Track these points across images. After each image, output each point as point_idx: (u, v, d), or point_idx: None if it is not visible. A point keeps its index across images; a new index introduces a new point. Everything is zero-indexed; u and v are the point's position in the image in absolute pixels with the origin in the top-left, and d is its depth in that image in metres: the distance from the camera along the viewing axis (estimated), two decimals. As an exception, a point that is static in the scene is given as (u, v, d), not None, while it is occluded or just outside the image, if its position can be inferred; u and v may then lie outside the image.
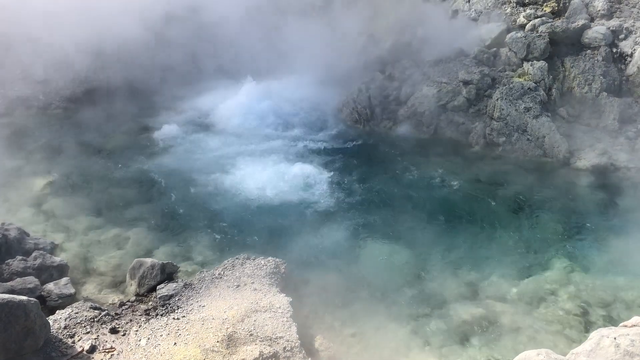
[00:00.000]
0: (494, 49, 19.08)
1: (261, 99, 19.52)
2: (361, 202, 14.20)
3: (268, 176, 14.80)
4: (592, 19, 18.57)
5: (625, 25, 18.30)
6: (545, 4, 19.50)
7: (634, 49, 17.68)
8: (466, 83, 18.42)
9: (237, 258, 10.77)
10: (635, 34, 18.16)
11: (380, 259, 12.04)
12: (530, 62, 18.22)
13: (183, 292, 9.83)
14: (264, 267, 10.49)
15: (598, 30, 17.99)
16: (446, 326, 10.12)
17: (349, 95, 19.93)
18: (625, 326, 8.02)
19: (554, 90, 17.73)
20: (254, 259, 10.78)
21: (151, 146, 16.86)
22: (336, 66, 20.59)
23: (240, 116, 18.67)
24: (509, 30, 19.19)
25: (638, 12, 18.81)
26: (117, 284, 10.71)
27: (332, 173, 15.36)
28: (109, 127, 17.87)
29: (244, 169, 15.27)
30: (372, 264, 11.85)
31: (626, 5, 19.09)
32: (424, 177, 15.68)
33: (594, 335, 7.79)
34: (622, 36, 18.11)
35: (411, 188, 15.09)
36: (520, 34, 18.79)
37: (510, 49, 18.74)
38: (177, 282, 10.26)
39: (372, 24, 21.90)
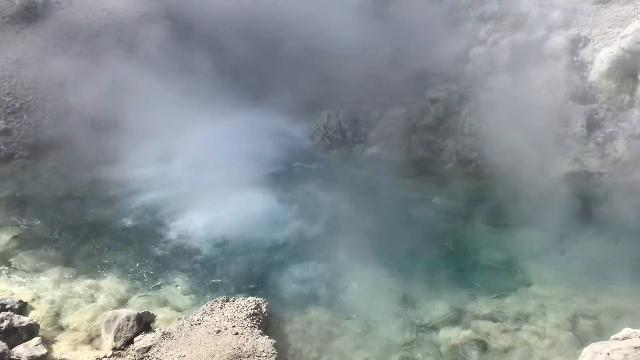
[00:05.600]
0: (459, 65, 19.22)
1: (228, 131, 19.06)
2: (338, 228, 13.90)
3: (241, 212, 14.46)
4: (550, 30, 18.87)
5: (583, 33, 18.65)
6: (505, 18, 19.81)
7: (594, 56, 17.98)
8: (434, 101, 18.47)
9: (215, 301, 10.41)
10: (593, 41, 18.52)
11: (363, 286, 11.80)
12: (494, 76, 18.37)
13: (162, 342, 9.42)
14: (245, 308, 10.15)
15: (557, 41, 18.28)
16: (436, 352, 9.90)
17: (319, 122, 19.81)
18: (617, 339, 7.92)
19: (520, 102, 17.83)
20: (233, 301, 10.44)
21: (120, 188, 16.37)
22: (305, 93, 20.43)
23: (209, 150, 18.22)
24: (471, 46, 19.37)
25: (593, 20, 19.22)
26: (92, 339, 10.22)
27: (306, 201, 15.12)
28: (77, 172, 17.33)
29: (215, 206, 14.89)
30: (356, 293, 11.61)
31: (581, 14, 19.50)
32: (399, 199, 15.54)
33: (587, 352, 7.66)
34: (580, 44, 18.43)
35: (387, 210, 14.92)
36: (482, 49, 18.99)
37: (474, 65, 18.89)
38: (155, 332, 9.85)
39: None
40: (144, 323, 9.96)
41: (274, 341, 9.26)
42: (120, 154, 18.33)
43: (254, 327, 9.62)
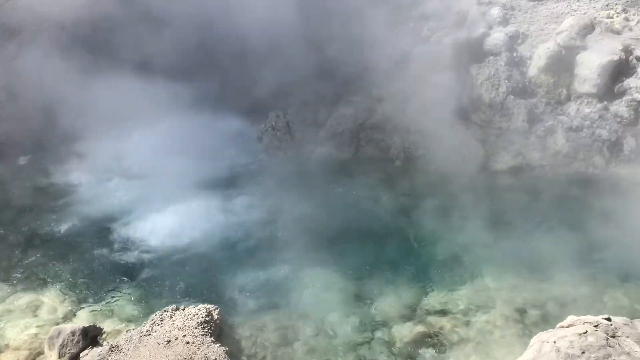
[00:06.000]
0: (404, 63, 19.43)
1: (174, 136, 18.57)
2: (289, 230, 13.76)
3: (189, 217, 14.16)
4: (490, 27, 19.34)
5: (521, 30, 19.20)
6: (446, 16, 20.14)
7: (532, 52, 18.54)
8: (380, 99, 18.61)
9: (165, 310, 10.12)
10: (531, 37, 19.09)
11: (316, 288, 11.74)
12: (438, 74, 18.65)
13: (110, 356, 9.09)
14: (195, 316, 9.91)
15: (497, 37, 18.74)
16: (391, 349, 9.96)
17: (267, 123, 19.63)
18: (562, 327, 8.13)
19: (464, 98, 18.23)
20: (183, 309, 10.18)
21: (60, 198, 15.74)
22: (251, 94, 20.20)
23: (155, 156, 17.76)
24: (415, 45, 19.62)
25: (530, 17, 19.83)
26: (34, 357, 9.77)
27: (255, 204, 14.93)
28: (12, 184, 16.56)
29: (163, 212, 14.52)
30: (309, 295, 11.54)
31: (519, 11, 20.08)
32: (349, 198, 15.58)
33: (535, 341, 7.82)
34: (519, 41, 18.97)
35: (338, 210, 14.92)
36: (426, 47, 19.26)
37: (418, 63, 19.12)
38: (102, 345, 9.49)
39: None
40: (91, 337, 9.59)
41: (227, 348, 9.09)
42: (61, 160, 17.68)
43: (206, 335, 9.40)
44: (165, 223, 14.10)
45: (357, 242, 13.37)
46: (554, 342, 7.43)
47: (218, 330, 9.89)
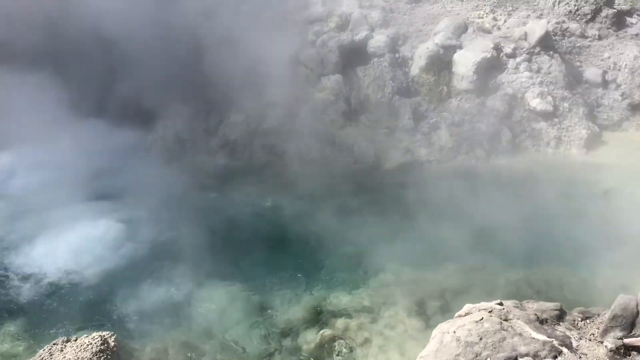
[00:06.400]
0: (292, 67, 19.51)
1: (48, 153, 17.17)
2: (181, 247, 13.19)
3: (75, 240, 13.19)
4: (372, 29, 19.93)
5: (401, 31, 20.00)
6: (330, 19, 20.51)
7: (413, 52, 19.36)
8: (272, 105, 18.54)
9: (54, 343, 9.30)
10: (411, 38, 19.94)
11: (218, 302, 11.39)
12: (327, 77, 18.96)
13: (-9, 403, 8.20)
14: (90, 346, 9.19)
15: (379, 39, 19.36)
16: (299, 356, 9.87)
17: (155, 134, 18.89)
18: (460, 316, 8.46)
19: (352, 100, 18.65)
20: (75, 340, 9.40)
21: None
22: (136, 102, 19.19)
23: (25, 177, 16.35)
24: (302, 49, 19.78)
25: (409, 19, 20.72)
26: None
27: (146, 221, 14.18)
28: None
29: (46, 235, 13.43)
30: (212, 311, 11.17)
31: (398, 13, 20.91)
32: (247, 207, 15.33)
33: (436, 333, 8.05)
34: (400, 42, 19.74)
35: (235, 220, 14.63)
36: (312, 51, 19.48)
37: (306, 66, 19.31)
38: (-19, 393, 8.56)
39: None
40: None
41: (126, 378, 8.53)
42: None
43: (102, 366, 8.77)
44: (51, 247, 13.05)
45: (257, 251, 13.18)
46: (454, 332, 7.71)
47: (116, 358, 9.27)
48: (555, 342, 7.32)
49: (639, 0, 20.61)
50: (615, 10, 20.22)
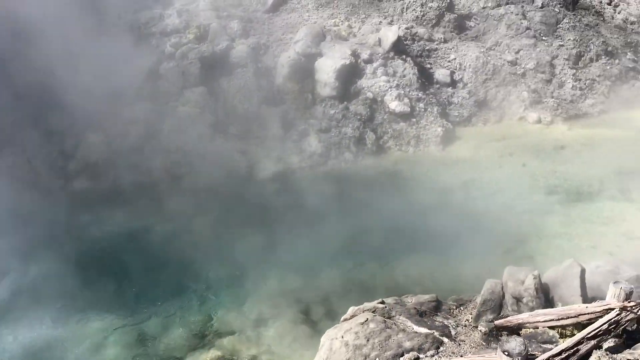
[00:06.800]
0: (152, 82, 18.73)
1: None
2: (50, 280, 12.04)
3: None
4: (233, 40, 19.77)
5: (262, 41, 20.07)
6: (188, 30, 20.01)
7: (275, 62, 19.50)
8: (133, 122, 17.63)
9: None
10: (272, 47, 20.07)
11: (93, 338, 10.56)
12: (190, 89, 18.46)
13: None
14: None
15: (241, 50, 19.28)
16: (187, 384, 9.45)
17: (3, 162, 17.09)
18: (346, 319, 8.59)
19: (219, 111, 18.32)
20: None
21: None
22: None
23: None
24: (160, 62, 19.07)
25: (268, 28, 20.86)
26: None
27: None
28: None
29: None
30: (84, 349, 10.32)
31: (257, 23, 20.96)
32: (113, 233, 14.34)
33: (324, 340, 8.10)
34: (262, 52, 19.80)
35: (103, 248, 13.72)
36: (172, 63, 18.86)
37: (167, 80, 18.66)
38: None
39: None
40: None
41: None
42: None
43: None
44: None
45: (133, 278, 12.43)
46: (342, 337, 7.81)
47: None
48: (437, 333, 7.71)
49: (475, 5, 22.55)
50: (456, 15, 21.96)
